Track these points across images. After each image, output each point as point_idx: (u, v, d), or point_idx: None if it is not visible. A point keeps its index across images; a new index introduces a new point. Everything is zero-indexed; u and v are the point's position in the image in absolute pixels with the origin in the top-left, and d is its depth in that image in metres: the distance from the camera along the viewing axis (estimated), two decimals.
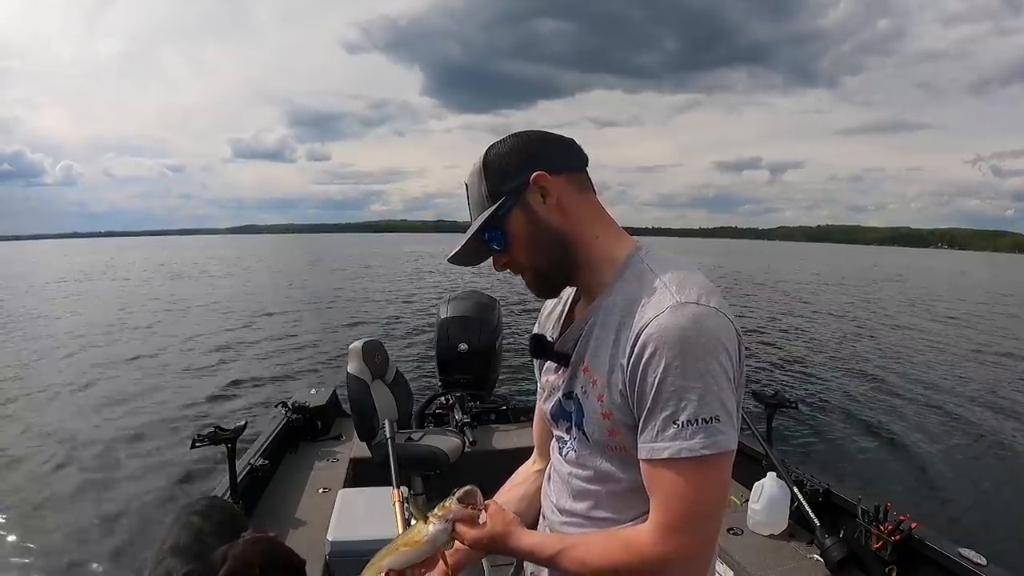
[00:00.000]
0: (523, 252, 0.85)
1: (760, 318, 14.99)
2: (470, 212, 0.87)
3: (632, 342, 0.75)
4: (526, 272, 0.87)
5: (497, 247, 0.85)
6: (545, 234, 0.83)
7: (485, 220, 0.83)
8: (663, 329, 0.72)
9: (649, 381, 0.73)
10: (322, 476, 3.09)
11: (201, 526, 1.71)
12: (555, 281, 0.88)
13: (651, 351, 0.73)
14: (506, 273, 0.90)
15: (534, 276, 0.87)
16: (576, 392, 0.86)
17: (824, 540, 2.30)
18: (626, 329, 0.77)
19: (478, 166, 0.85)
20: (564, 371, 0.91)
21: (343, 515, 2.31)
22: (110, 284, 25.56)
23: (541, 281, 0.87)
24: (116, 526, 4.13)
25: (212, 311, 15.78)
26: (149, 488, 4.72)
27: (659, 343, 0.72)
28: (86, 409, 6.96)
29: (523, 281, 0.89)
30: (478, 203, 0.85)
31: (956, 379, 8.94)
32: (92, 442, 5.82)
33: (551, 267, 0.86)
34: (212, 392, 7.64)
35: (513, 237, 0.84)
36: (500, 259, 0.87)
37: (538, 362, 1.00)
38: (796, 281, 29.52)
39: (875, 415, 7.02)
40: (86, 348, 10.74)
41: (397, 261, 39.67)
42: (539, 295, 0.91)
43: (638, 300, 0.78)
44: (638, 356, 0.74)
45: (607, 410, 0.81)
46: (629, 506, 0.84)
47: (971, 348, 11.75)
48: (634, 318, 0.76)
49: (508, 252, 0.85)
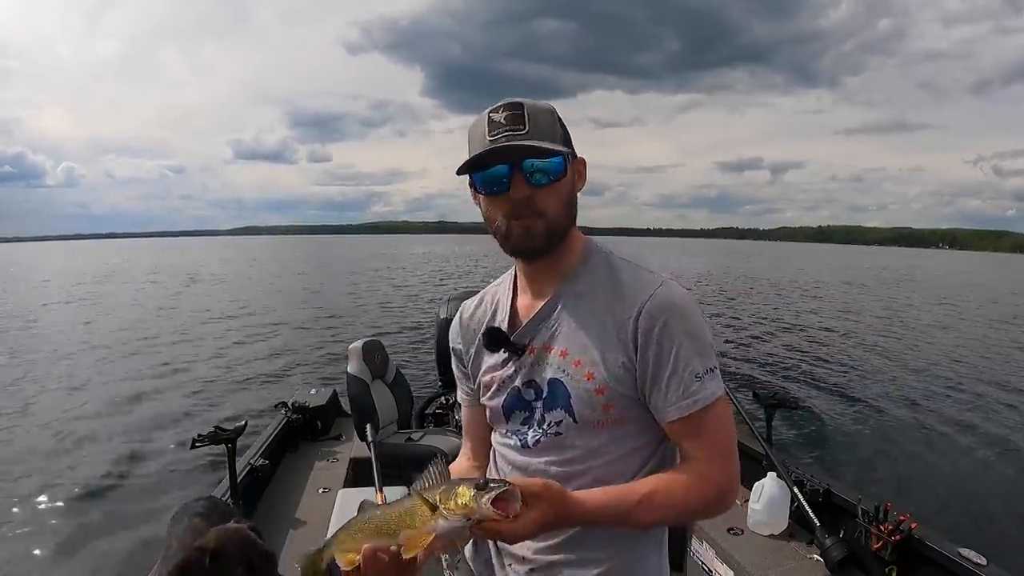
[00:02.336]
0: (556, 199, 0.88)
1: (760, 318, 14.99)
2: (527, 122, 0.85)
3: (635, 318, 0.85)
4: (543, 217, 0.87)
5: (553, 175, 0.87)
6: (572, 201, 0.91)
7: (563, 148, 0.86)
8: (666, 303, 0.85)
9: (666, 349, 0.83)
10: (322, 476, 3.09)
11: (202, 527, 1.72)
12: (553, 240, 0.90)
13: (662, 322, 0.84)
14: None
15: (547, 225, 0.88)
16: (547, 377, 0.90)
17: (824, 540, 2.30)
18: (619, 309, 0.86)
19: (550, 108, 0.89)
20: (515, 362, 0.93)
21: (343, 515, 2.31)
22: (117, 286, 25.57)
23: (548, 232, 0.89)
24: (116, 526, 4.13)
25: (212, 311, 15.78)
26: (149, 488, 4.72)
27: (668, 315, 0.84)
28: (86, 409, 6.96)
29: (520, 226, 0.88)
30: (551, 133, 0.87)
31: (956, 379, 8.92)
32: (92, 442, 5.83)
33: (560, 228, 0.90)
34: (212, 392, 7.65)
35: (558, 184, 0.88)
36: (538, 191, 0.86)
37: (462, 368, 1.05)
38: (796, 282, 29.51)
39: (875, 415, 7.01)
40: (87, 349, 10.75)
41: (409, 262, 39.68)
42: (533, 245, 0.89)
43: (620, 284, 0.89)
44: (648, 329, 0.84)
45: (601, 386, 0.86)
46: (620, 473, 0.88)
47: (971, 348, 11.74)
48: (625, 300, 0.86)
49: (547, 188, 0.87)
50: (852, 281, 30.67)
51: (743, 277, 31.37)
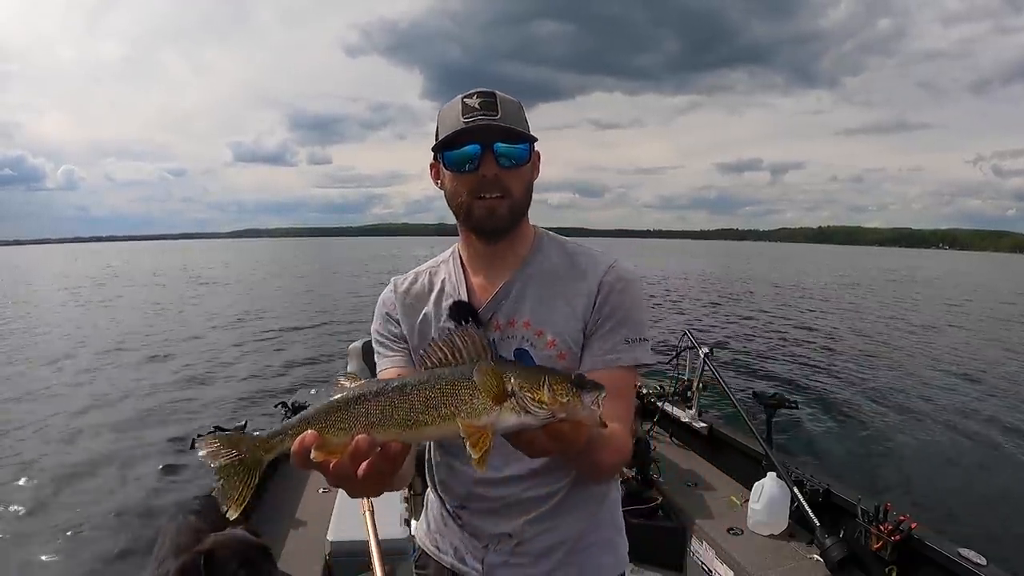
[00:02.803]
0: (520, 182, 0.97)
1: (760, 318, 14.99)
2: (499, 109, 0.93)
3: (596, 287, 0.97)
4: (507, 197, 0.95)
5: (518, 160, 0.95)
6: (530, 186, 1.00)
7: (530, 136, 0.95)
8: (621, 274, 0.98)
9: (612, 309, 0.96)
10: (322, 476, 3.09)
11: (199, 525, 1.72)
12: (514, 219, 0.98)
13: (617, 290, 0.97)
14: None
15: (511, 204, 0.96)
16: (512, 348, 0.97)
17: (824, 540, 2.30)
18: (577, 283, 0.98)
19: (518, 102, 0.96)
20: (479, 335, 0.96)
21: (343, 515, 2.31)
22: (117, 289, 25.57)
23: (511, 212, 0.97)
24: (116, 526, 4.13)
25: (212, 313, 15.79)
26: (149, 488, 4.72)
27: (622, 284, 0.97)
28: (86, 409, 6.96)
29: (485, 205, 0.95)
30: (519, 122, 0.95)
31: (956, 380, 8.92)
32: (92, 442, 5.82)
33: (520, 209, 0.99)
34: (212, 392, 7.65)
35: (523, 168, 0.96)
36: (505, 172, 0.94)
37: (392, 331, 1.06)
38: (799, 284, 29.50)
39: (875, 415, 7.01)
40: (87, 349, 10.74)
41: (410, 264, 39.65)
42: (495, 224, 0.97)
43: (575, 264, 1.01)
44: (606, 294, 0.96)
45: (563, 351, 0.96)
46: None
47: (972, 349, 11.74)
48: (586, 275, 0.98)
49: (514, 170, 0.95)
50: (854, 282, 30.65)
51: (743, 279, 31.36)
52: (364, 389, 0.64)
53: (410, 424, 0.61)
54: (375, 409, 0.62)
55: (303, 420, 0.65)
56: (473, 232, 1.00)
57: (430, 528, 1.14)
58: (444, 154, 0.95)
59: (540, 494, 1.01)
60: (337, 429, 0.63)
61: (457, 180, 0.95)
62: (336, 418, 0.63)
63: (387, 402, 0.62)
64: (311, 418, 0.64)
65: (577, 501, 1.03)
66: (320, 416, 0.64)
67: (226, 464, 0.67)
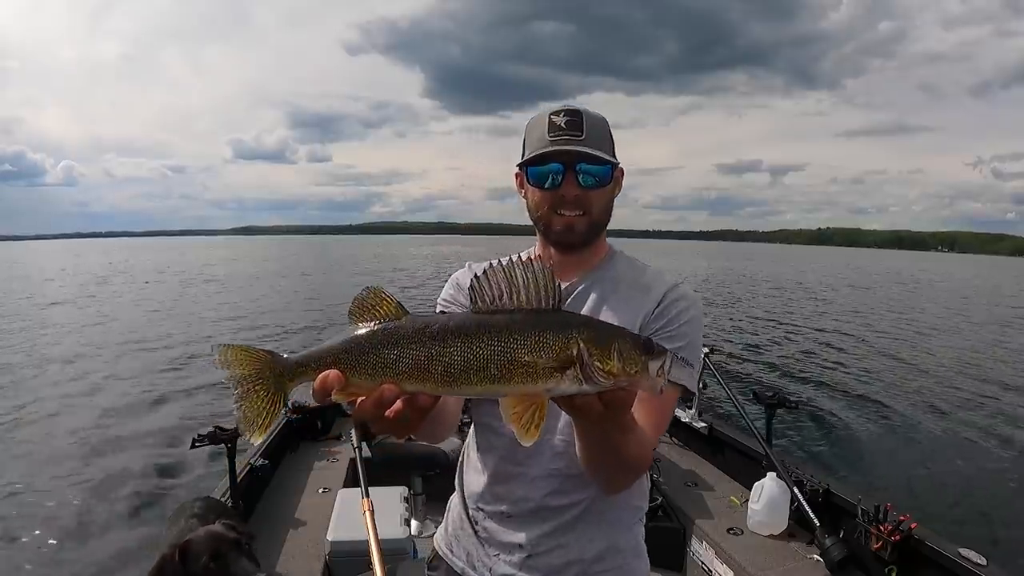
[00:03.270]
0: (601, 201, 1.01)
1: (760, 318, 14.99)
2: (584, 129, 0.96)
3: (660, 297, 0.98)
4: (587, 215, 1.00)
5: (600, 180, 0.98)
6: (611, 203, 1.04)
7: (612, 159, 0.99)
8: (683, 294, 1.00)
9: (668, 323, 0.96)
10: (322, 476, 3.08)
11: (195, 528, 1.74)
12: (592, 235, 1.03)
13: (681, 307, 0.98)
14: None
15: (590, 222, 1.01)
16: None
17: (824, 540, 2.30)
18: (640, 293, 1.00)
19: (603, 119, 1.00)
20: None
21: (343, 515, 2.31)
22: (117, 287, 25.55)
23: (589, 229, 1.01)
24: (116, 526, 4.13)
25: (211, 312, 15.77)
26: (149, 488, 4.72)
27: (682, 303, 0.98)
28: (86, 409, 6.96)
29: (564, 221, 0.99)
30: (603, 142, 0.99)
31: (956, 380, 8.92)
32: (92, 442, 5.82)
33: (599, 226, 1.03)
34: (212, 392, 7.62)
35: (604, 188, 1.00)
36: (585, 191, 0.98)
37: None
38: (801, 284, 29.49)
39: (875, 415, 7.01)
40: (86, 349, 10.74)
41: (410, 263, 39.61)
42: (572, 239, 1.01)
43: (641, 277, 1.04)
44: (666, 306, 0.98)
45: None
46: None
47: (972, 349, 11.74)
48: (648, 288, 1.01)
49: (595, 190, 0.99)
50: (855, 284, 30.64)
51: (743, 279, 31.34)
52: (402, 330, 0.57)
53: (448, 381, 0.54)
54: (410, 357, 0.55)
55: (331, 354, 0.59)
56: (553, 245, 1.05)
57: (448, 530, 1.13)
58: (528, 169, 1.00)
59: (560, 503, 0.98)
60: (365, 372, 0.57)
61: (539, 195, 1.00)
62: (366, 360, 0.57)
63: (425, 352, 0.55)
64: (339, 353, 0.58)
65: (597, 519, 1.00)
66: (350, 353, 0.58)
67: (247, 384, 0.62)
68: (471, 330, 0.54)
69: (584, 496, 0.98)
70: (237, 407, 0.61)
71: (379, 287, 0.61)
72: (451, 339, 0.54)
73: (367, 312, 0.60)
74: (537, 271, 0.57)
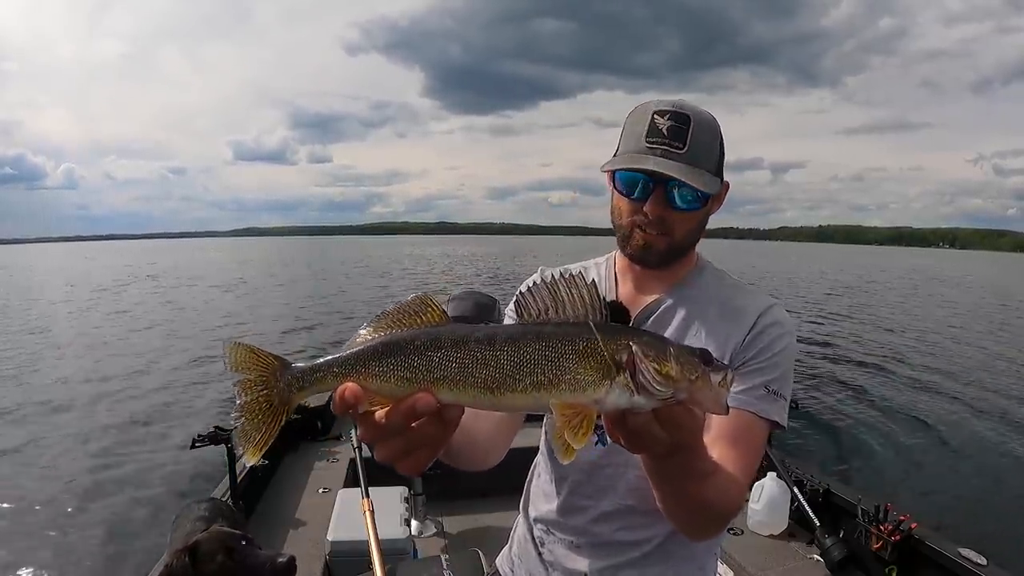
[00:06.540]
0: (687, 224, 0.91)
1: None
2: (688, 141, 0.85)
3: (752, 321, 0.89)
4: (667, 237, 0.90)
5: (690, 205, 0.88)
6: (702, 226, 0.95)
7: (708, 188, 0.86)
8: (778, 318, 0.90)
9: (759, 350, 0.87)
10: (322, 476, 3.08)
11: (201, 530, 1.74)
12: (670, 258, 0.93)
13: (774, 334, 0.88)
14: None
15: (669, 244, 0.91)
16: None
17: (824, 540, 2.30)
18: (730, 316, 0.90)
19: (713, 127, 0.89)
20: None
21: (343, 515, 2.31)
22: (117, 288, 25.57)
23: (668, 251, 0.91)
24: (116, 526, 4.13)
25: (211, 312, 15.77)
26: (150, 488, 4.71)
27: (780, 331, 0.89)
28: (86, 409, 6.96)
29: (643, 238, 0.90)
30: (707, 158, 0.87)
31: (956, 380, 8.90)
32: (92, 442, 5.82)
33: (680, 250, 0.93)
34: (212, 392, 7.62)
35: (694, 212, 0.89)
36: (672, 212, 0.88)
37: None
38: (800, 282, 29.47)
39: (875, 415, 7.00)
40: (86, 349, 10.75)
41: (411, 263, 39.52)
42: (648, 259, 0.92)
43: (732, 297, 0.94)
44: (758, 334, 0.88)
45: None
46: None
47: (972, 349, 11.72)
48: (740, 311, 0.90)
49: (683, 213, 0.88)
50: (855, 285, 30.61)
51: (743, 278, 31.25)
52: (441, 333, 0.51)
53: (492, 387, 0.49)
54: (451, 361, 0.49)
55: (354, 361, 0.52)
56: (628, 258, 0.96)
57: (512, 550, 1.09)
58: (616, 172, 0.89)
59: (631, 539, 0.92)
60: (395, 379, 0.50)
61: (624, 203, 0.91)
62: (396, 364, 0.50)
63: (468, 354, 0.49)
64: (364, 360, 0.51)
65: (670, 558, 0.92)
66: (376, 358, 0.51)
67: (250, 391, 0.55)
68: (520, 333, 0.51)
69: (656, 533, 0.92)
70: (237, 416, 0.55)
71: (428, 295, 0.56)
72: (499, 341, 0.50)
73: (408, 318, 0.54)
74: (581, 287, 0.54)
